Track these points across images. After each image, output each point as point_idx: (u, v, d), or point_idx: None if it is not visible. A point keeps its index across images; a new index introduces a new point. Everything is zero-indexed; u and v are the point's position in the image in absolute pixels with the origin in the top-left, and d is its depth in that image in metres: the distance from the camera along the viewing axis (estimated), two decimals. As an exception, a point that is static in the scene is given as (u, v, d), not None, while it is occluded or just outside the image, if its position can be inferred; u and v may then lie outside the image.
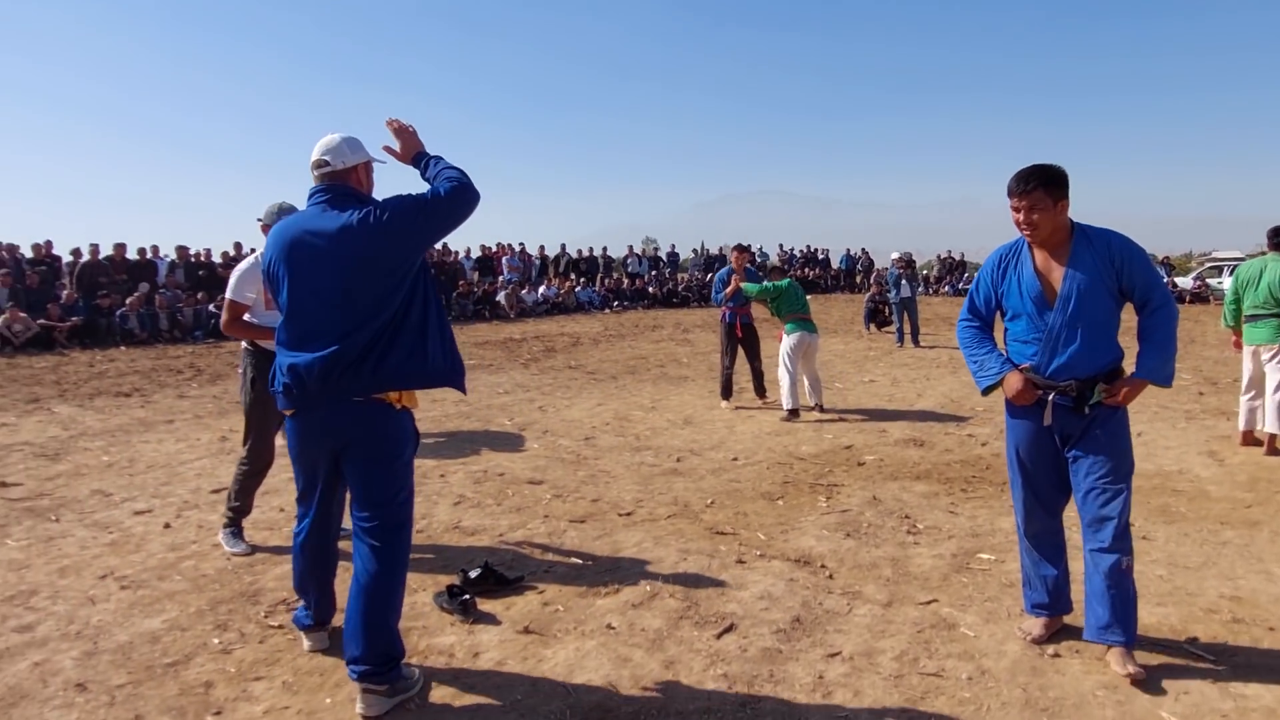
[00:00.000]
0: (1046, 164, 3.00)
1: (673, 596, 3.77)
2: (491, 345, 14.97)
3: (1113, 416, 3.04)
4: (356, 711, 2.84)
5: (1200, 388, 9.43)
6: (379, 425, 2.90)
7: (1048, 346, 3.05)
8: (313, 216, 2.89)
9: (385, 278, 2.82)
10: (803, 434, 7.31)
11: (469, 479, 5.89)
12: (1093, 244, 3.01)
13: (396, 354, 2.85)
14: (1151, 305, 3.01)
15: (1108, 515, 3.00)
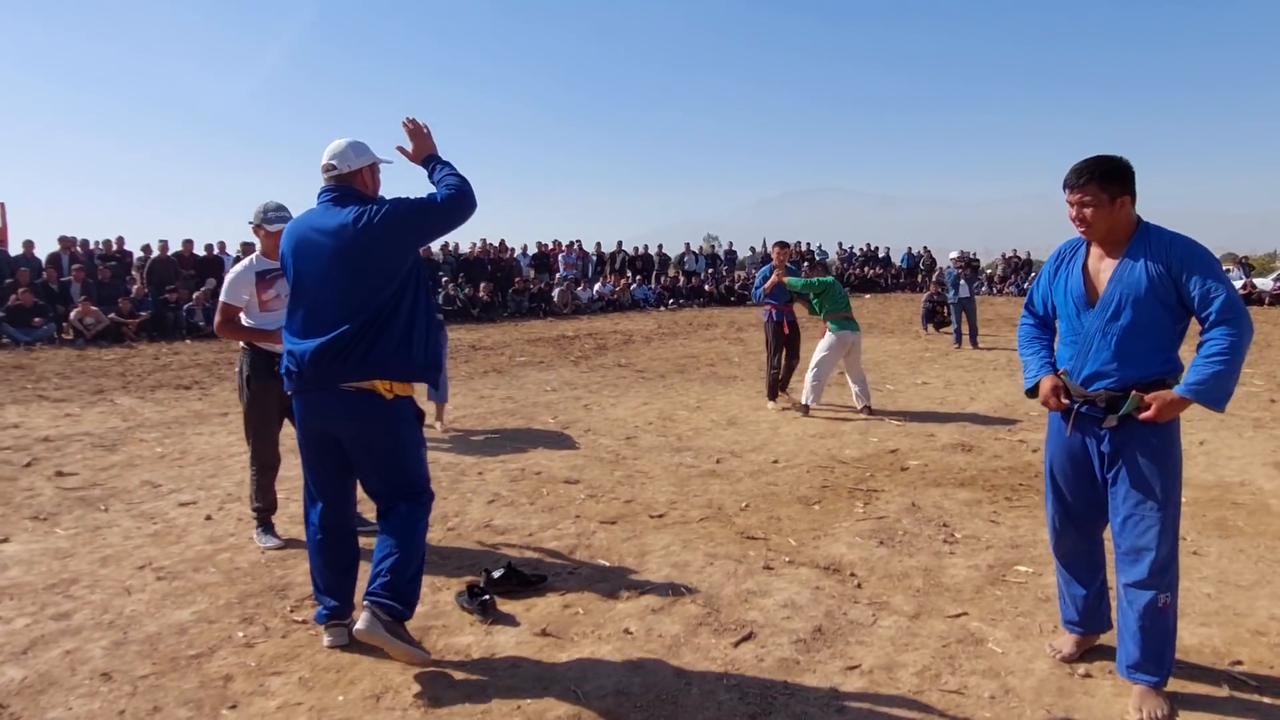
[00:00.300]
0: (1107, 155, 2.77)
1: (694, 602, 3.72)
2: (544, 342, 15.06)
3: (1156, 435, 2.76)
4: (356, 628, 3.04)
5: (1273, 394, 9.02)
6: (369, 413, 3.10)
7: (1081, 351, 2.86)
8: (319, 214, 3.17)
9: (376, 272, 3.05)
10: (847, 437, 7.18)
11: (506, 477, 5.91)
12: (1151, 246, 2.75)
13: (383, 346, 3.07)
14: (1211, 319, 2.68)
15: (1144, 546, 2.76)
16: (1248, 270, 25.81)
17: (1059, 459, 3.03)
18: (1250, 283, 23.91)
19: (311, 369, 3.06)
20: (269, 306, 4.38)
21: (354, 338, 3.02)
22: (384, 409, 3.11)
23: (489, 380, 10.76)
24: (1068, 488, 3.03)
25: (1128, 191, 2.75)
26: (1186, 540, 4.46)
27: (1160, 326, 2.76)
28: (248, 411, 4.50)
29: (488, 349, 14.12)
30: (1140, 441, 2.78)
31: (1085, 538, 3.08)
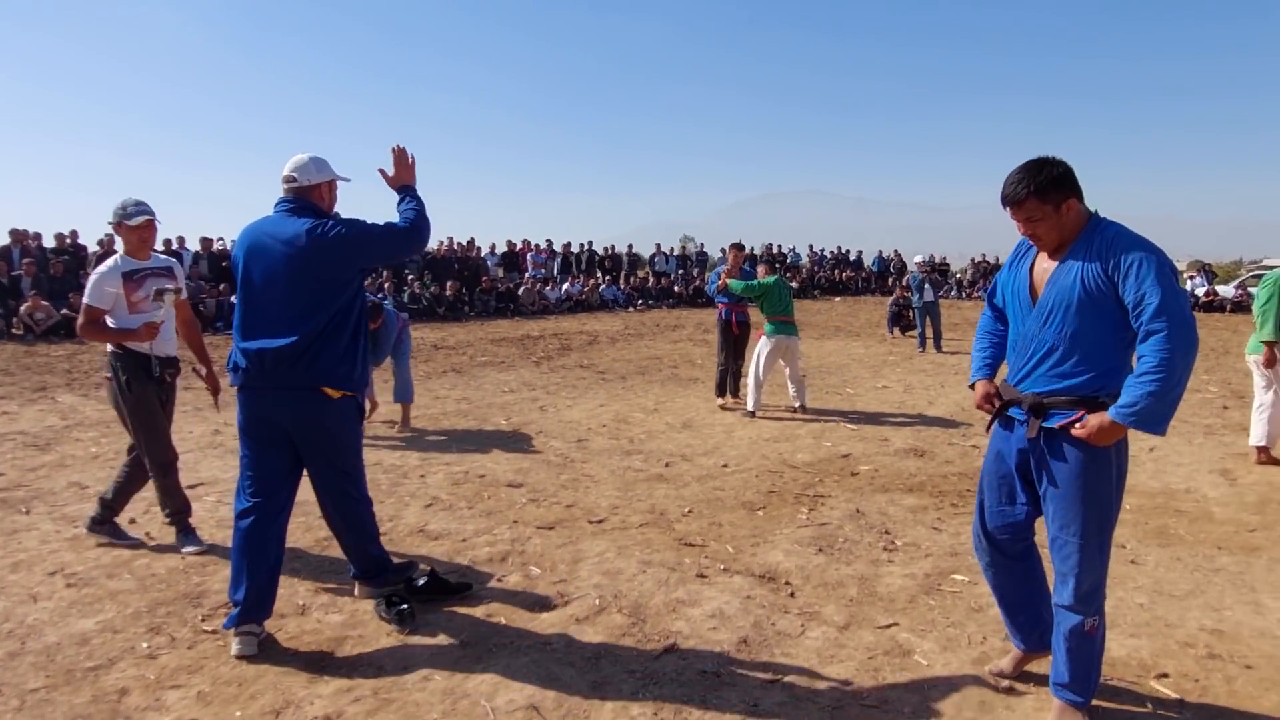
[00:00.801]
0: (1038, 162, 2.56)
1: (621, 612, 3.62)
2: (508, 342, 14.91)
3: (1087, 453, 2.55)
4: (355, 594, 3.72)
5: (1226, 401, 9.07)
6: (315, 409, 3.30)
7: (1020, 354, 2.72)
8: (274, 222, 3.33)
9: (322, 284, 3.24)
10: (801, 441, 7.12)
11: (448, 480, 5.79)
12: (1093, 247, 2.53)
13: (329, 356, 3.27)
14: (1142, 329, 2.43)
15: (1067, 572, 2.63)
16: (1211, 277, 26.13)
17: (987, 462, 2.90)
18: (1213, 290, 24.21)
19: (257, 369, 3.25)
20: (138, 308, 4.20)
21: (302, 348, 3.21)
22: (329, 405, 3.31)
23: (447, 380, 10.62)
24: (987, 494, 2.89)
25: (1071, 193, 2.55)
26: (1126, 548, 4.43)
27: (1097, 335, 2.54)
28: (132, 415, 4.23)
29: (450, 348, 13.95)
30: (1070, 460, 2.58)
31: (998, 550, 2.90)
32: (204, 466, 6.09)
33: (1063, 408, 2.59)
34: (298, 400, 3.26)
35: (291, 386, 3.25)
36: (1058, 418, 2.59)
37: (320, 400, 3.28)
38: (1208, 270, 27.24)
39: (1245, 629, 3.45)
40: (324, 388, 3.27)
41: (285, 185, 3.39)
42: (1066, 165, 2.58)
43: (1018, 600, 2.95)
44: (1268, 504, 5.25)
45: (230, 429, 7.43)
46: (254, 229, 3.36)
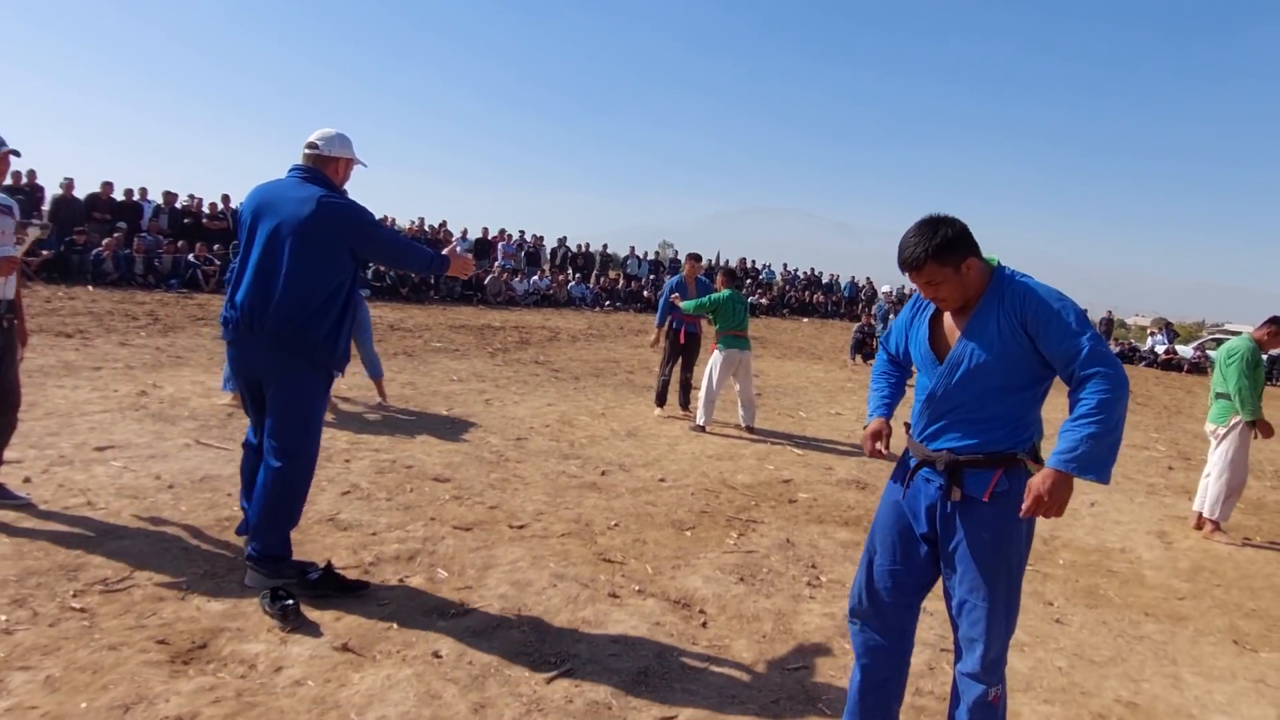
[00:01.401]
0: (931, 223, 2.45)
1: (521, 627, 3.44)
2: (467, 330, 14.66)
3: (1003, 514, 2.43)
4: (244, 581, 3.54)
5: (1172, 462, 9.08)
6: (279, 365, 3.39)
7: (926, 408, 2.57)
8: (289, 184, 3.44)
9: (321, 256, 3.35)
10: (744, 461, 6.98)
11: (373, 468, 5.57)
12: (1005, 301, 2.43)
13: (315, 330, 3.38)
14: (1076, 376, 2.35)
15: (975, 638, 2.47)
16: (1172, 335, 26.48)
17: (881, 516, 2.71)
18: (1172, 348, 24.52)
19: (246, 325, 3.37)
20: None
21: (291, 314, 3.32)
22: (301, 375, 3.42)
23: (396, 363, 10.35)
24: (880, 546, 2.68)
25: (970, 252, 2.44)
26: (1054, 605, 4.33)
27: (1011, 390, 2.45)
28: None
29: (406, 330, 13.67)
30: (986, 521, 2.44)
31: (876, 612, 2.67)
32: (119, 429, 5.81)
33: (978, 466, 2.45)
34: (278, 363, 3.38)
35: (275, 349, 3.36)
36: (973, 478, 2.46)
37: (295, 369, 3.40)
38: (1170, 329, 27.61)
39: (1161, 705, 3.34)
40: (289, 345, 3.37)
41: (306, 151, 3.52)
42: (961, 224, 2.47)
43: (879, 685, 2.69)
44: (1200, 572, 5.19)
45: (158, 391, 7.15)
46: (266, 187, 3.49)
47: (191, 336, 10.53)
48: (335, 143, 3.53)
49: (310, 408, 3.49)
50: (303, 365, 3.40)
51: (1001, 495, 2.44)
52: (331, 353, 3.44)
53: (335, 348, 3.45)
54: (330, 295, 3.39)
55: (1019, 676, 3.46)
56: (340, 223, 3.35)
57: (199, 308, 13.36)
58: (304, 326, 3.33)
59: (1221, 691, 3.52)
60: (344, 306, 3.45)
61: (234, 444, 5.74)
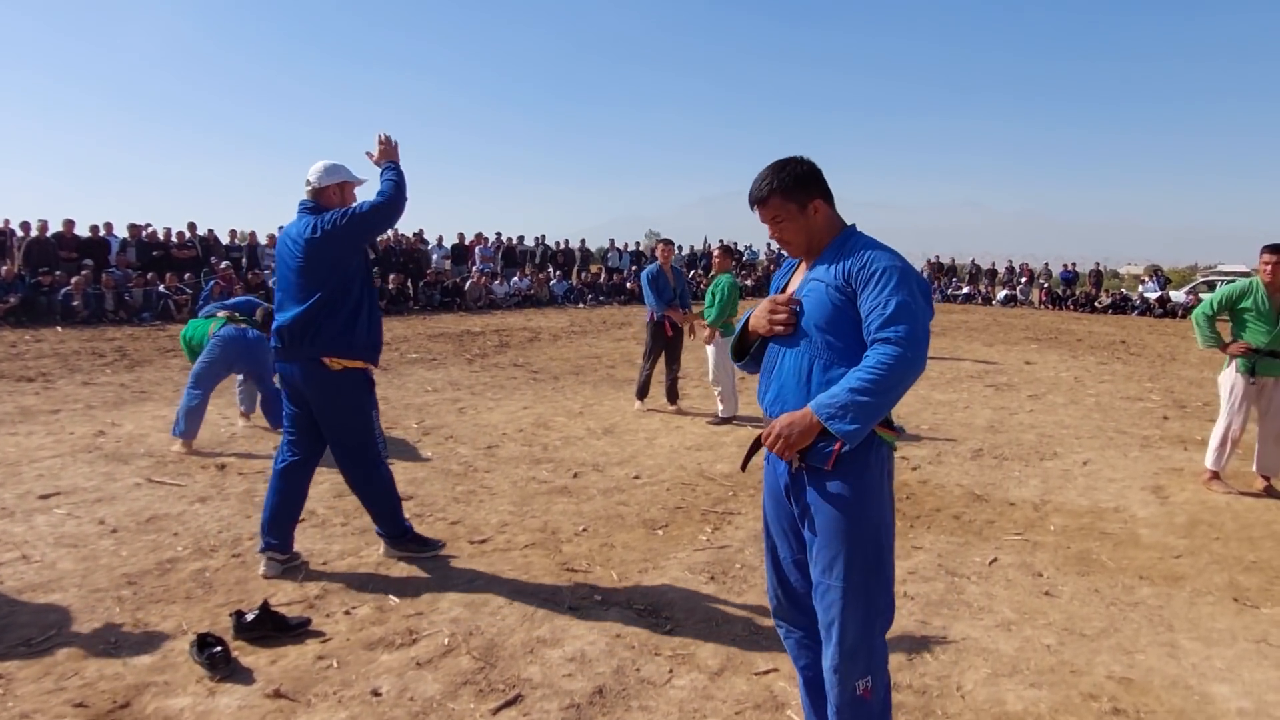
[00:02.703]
0: (783, 161, 2.36)
1: (470, 653, 3.23)
2: (445, 338, 14.42)
3: (852, 484, 2.23)
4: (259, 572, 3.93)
5: (1167, 411, 8.86)
6: (319, 379, 3.80)
7: (766, 373, 2.43)
8: (294, 222, 3.92)
9: (322, 269, 3.75)
10: (724, 450, 6.77)
11: (331, 492, 5.34)
12: (840, 253, 2.31)
13: (329, 329, 3.76)
14: (873, 335, 2.18)
15: (829, 622, 2.27)
16: (1163, 282, 26.27)
17: (767, 506, 2.53)
18: (1165, 295, 24.31)
19: (280, 343, 3.83)
20: None
21: (306, 322, 3.74)
22: (330, 377, 3.80)
23: (370, 378, 10.12)
24: (770, 535, 2.52)
25: (817, 194, 2.34)
26: (1043, 577, 4.13)
27: (848, 350, 2.25)
28: None
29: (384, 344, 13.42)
30: (829, 488, 2.25)
31: (794, 605, 2.50)
32: (68, 474, 5.59)
33: (822, 434, 2.22)
34: (306, 370, 3.79)
35: (301, 358, 3.78)
36: (814, 448, 2.24)
37: (322, 371, 3.77)
38: (1160, 275, 27.40)
39: (1156, 677, 3.13)
40: (324, 358, 3.76)
41: (304, 189, 3.94)
42: (812, 164, 2.36)
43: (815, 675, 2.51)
44: (1197, 525, 4.98)
45: (116, 429, 6.94)
46: (283, 231, 4.01)
47: (159, 369, 10.30)
48: (324, 174, 3.91)
49: (357, 418, 3.95)
50: (334, 379, 3.80)
51: (847, 463, 2.23)
52: (350, 344, 3.78)
53: (352, 339, 3.78)
54: (334, 294, 3.75)
55: (1004, 659, 3.25)
56: (328, 238, 3.73)
57: (170, 339, 13.11)
58: (319, 328, 3.74)
59: (1221, 657, 3.31)
60: (356, 302, 3.80)
61: (187, 479, 5.53)
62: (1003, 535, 4.75)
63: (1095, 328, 19.35)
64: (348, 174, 3.97)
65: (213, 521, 4.71)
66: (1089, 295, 25.66)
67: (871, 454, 2.25)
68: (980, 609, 3.73)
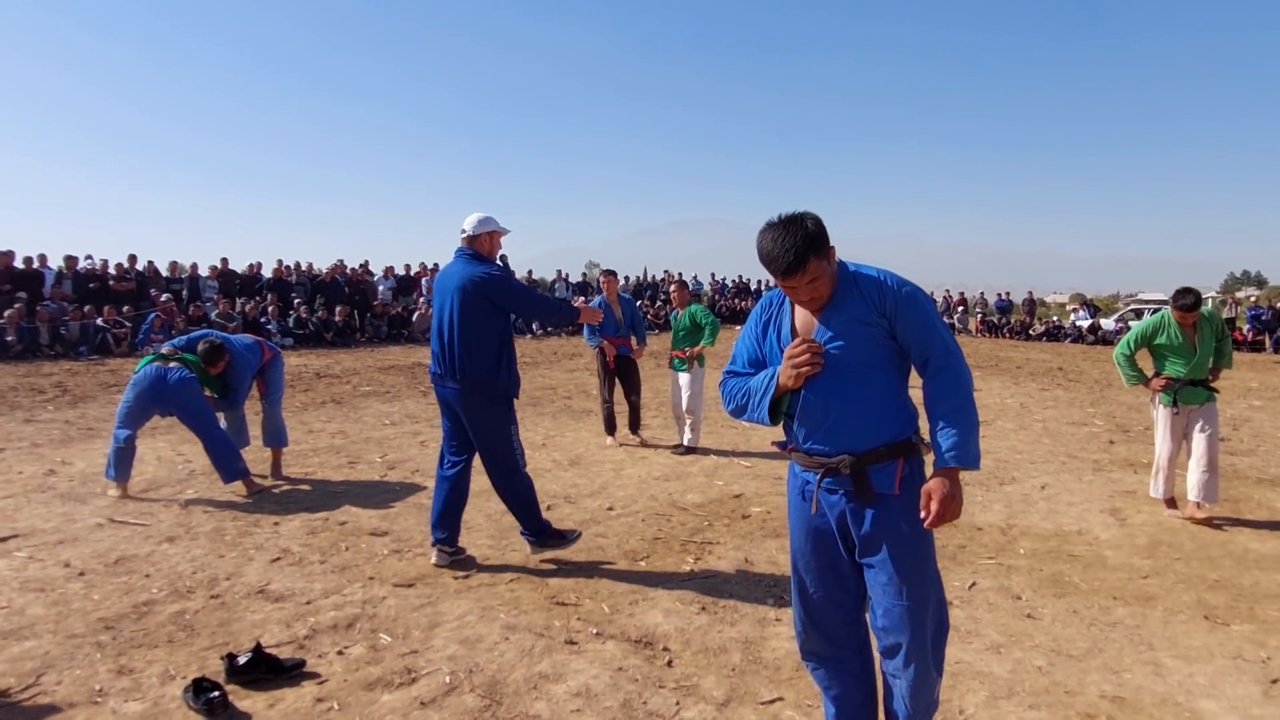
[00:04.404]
0: (797, 220, 2.29)
1: (474, 690, 3.19)
2: (396, 370, 14.25)
3: (914, 501, 2.37)
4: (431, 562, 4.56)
5: (1112, 435, 9.17)
6: (468, 404, 4.37)
7: (807, 416, 2.41)
8: (453, 264, 4.49)
9: (473, 315, 4.31)
10: (693, 480, 6.80)
11: (304, 529, 5.24)
12: (860, 287, 2.38)
13: (476, 366, 4.32)
14: (934, 364, 2.36)
15: (902, 643, 2.36)
16: (1094, 311, 27.22)
17: (798, 542, 2.55)
18: (1097, 323, 25.19)
19: (436, 369, 4.43)
20: None
21: (462, 356, 4.31)
22: (474, 400, 4.35)
23: (324, 412, 9.96)
24: (809, 578, 2.53)
25: (829, 241, 2.35)
26: (1022, 599, 4.23)
27: (884, 376, 2.39)
28: None
29: (334, 377, 13.22)
30: (899, 512, 2.36)
31: (826, 640, 2.55)
32: (24, 514, 5.39)
33: (880, 459, 2.36)
34: (457, 394, 4.35)
35: (462, 391, 4.33)
36: (878, 473, 2.36)
37: (469, 396, 4.34)
38: (1090, 304, 28.39)
39: (1146, 695, 3.23)
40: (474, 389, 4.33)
41: (461, 236, 4.51)
42: (812, 214, 2.35)
43: (857, 708, 2.58)
44: (1158, 546, 5.16)
45: (68, 468, 6.70)
46: (442, 271, 4.56)
47: (104, 405, 9.97)
48: (479, 225, 4.48)
49: (500, 430, 4.43)
50: (482, 400, 4.35)
51: (907, 482, 2.38)
52: (495, 383, 4.35)
53: (496, 379, 4.35)
54: (487, 342, 4.32)
55: (1000, 682, 3.32)
56: (481, 293, 4.29)
57: (111, 374, 12.73)
58: (475, 369, 4.29)
59: (1203, 673, 3.43)
60: (500, 347, 4.37)
61: (151, 518, 5.37)
62: (976, 560, 4.86)
63: (1032, 354, 19.94)
64: (496, 225, 4.55)
65: (185, 562, 4.58)
66: (1023, 323, 26.46)
67: (919, 468, 2.38)
68: (968, 632, 3.81)
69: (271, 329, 17.07)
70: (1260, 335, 21.83)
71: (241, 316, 16.99)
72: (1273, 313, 22.91)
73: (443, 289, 4.44)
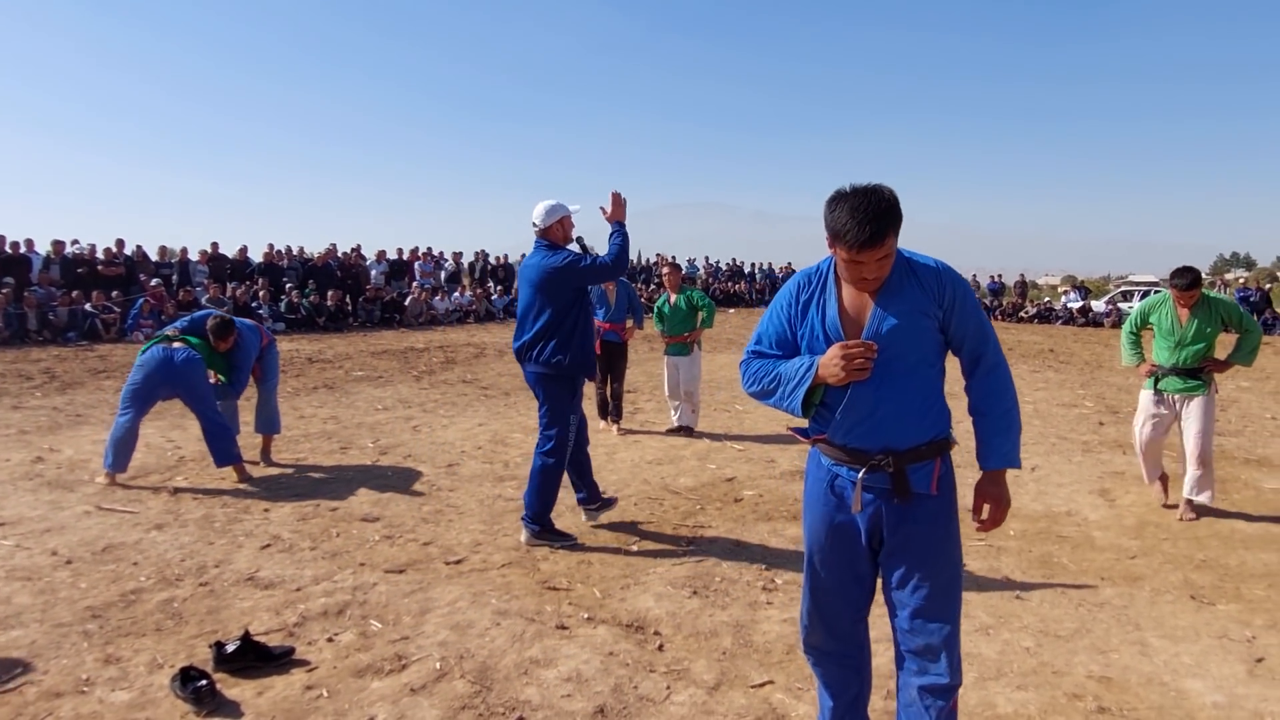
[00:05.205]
0: (870, 190, 2.14)
1: (464, 676, 3.19)
2: (389, 355, 14.20)
3: (948, 501, 2.32)
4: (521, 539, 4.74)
5: (1101, 416, 9.20)
6: (540, 381, 4.68)
7: (849, 408, 2.28)
8: (532, 255, 4.76)
9: (550, 298, 4.59)
10: (685, 463, 6.80)
11: (294, 515, 5.23)
12: (917, 274, 2.27)
13: (549, 348, 4.60)
14: (986, 362, 2.33)
15: (935, 643, 2.28)
16: (1085, 293, 27.27)
17: (818, 537, 2.43)
18: (1087, 304, 25.24)
19: (518, 353, 4.73)
20: None
21: (534, 341, 4.63)
22: (546, 376, 4.65)
23: (316, 397, 9.93)
24: (827, 573, 2.44)
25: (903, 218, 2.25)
26: (1012, 581, 4.24)
27: (933, 371, 2.33)
28: None
29: (326, 362, 13.17)
30: (934, 513, 2.30)
31: (832, 635, 2.49)
32: (11, 502, 5.36)
33: (920, 458, 2.29)
34: (532, 374, 4.68)
35: (534, 370, 4.66)
36: (917, 472, 2.30)
37: (542, 374, 4.64)
38: (1081, 286, 28.43)
39: (1133, 675, 3.25)
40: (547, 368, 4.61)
41: (533, 229, 4.74)
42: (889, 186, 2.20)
43: (853, 701, 2.56)
44: (1145, 527, 5.19)
45: (55, 455, 6.67)
46: (524, 262, 4.83)
47: (92, 392, 9.92)
48: (547, 215, 4.67)
49: (558, 409, 4.68)
50: (550, 382, 4.63)
51: (943, 481, 2.33)
52: (562, 361, 4.57)
53: (564, 357, 4.57)
54: (555, 319, 4.57)
55: (989, 663, 3.34)
56: (554, 277, 4.54)
57: (100, 360, 12.66)
58: (543, 346, 4.58)
59: (1189, 653, 3.45)
60: (571, 326, 4.60)
61: (139, 505, 5.35)
62: (966, 541, 4.84)
63: (1024, 336, 19.98)
64: (564, 210, 4.73)
65: (173, 549, 4.57)
66: (1015, 305, 26.50)
67: (951, 466, 2.35)
68: (957, 614, 3.82)
69: (263, 314, 16.98)
70: (1250, 316, 21.90)
71: (233, 301, 16.89)
72: (1261, 294, 22.99)
73: (526, 280, 4.72)
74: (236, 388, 6.37)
